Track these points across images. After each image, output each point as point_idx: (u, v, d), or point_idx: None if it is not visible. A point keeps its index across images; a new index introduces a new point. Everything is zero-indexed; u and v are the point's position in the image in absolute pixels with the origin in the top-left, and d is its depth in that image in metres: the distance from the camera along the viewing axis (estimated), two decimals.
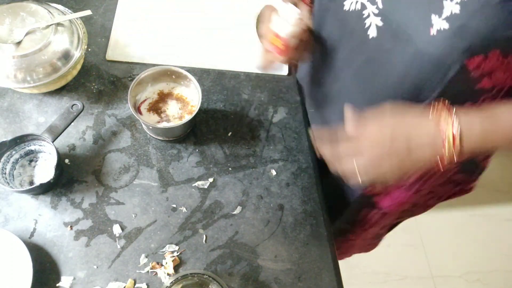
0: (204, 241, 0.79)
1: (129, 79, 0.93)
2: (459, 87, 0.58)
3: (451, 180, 0.83)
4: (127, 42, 0.97)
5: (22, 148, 0.80)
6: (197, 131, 0.89)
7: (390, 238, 1.17)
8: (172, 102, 0.87)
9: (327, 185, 0.88)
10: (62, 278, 0.74)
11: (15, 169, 0.80)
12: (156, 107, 0.86)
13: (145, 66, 0.93)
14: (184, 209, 0.81)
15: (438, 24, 0.52)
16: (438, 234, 1.87)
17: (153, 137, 0.87)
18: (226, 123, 0.91)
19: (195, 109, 0.82)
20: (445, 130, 0.53)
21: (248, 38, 0.99)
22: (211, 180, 0.85)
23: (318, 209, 0.84)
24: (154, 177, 0.84)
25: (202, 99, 0.82)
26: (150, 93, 0.87)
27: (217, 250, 0.79)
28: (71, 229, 0.78)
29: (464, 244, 1.88)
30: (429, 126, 0.55)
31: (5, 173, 0.78)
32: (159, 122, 0.85)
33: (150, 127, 0.83)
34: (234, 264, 0.78)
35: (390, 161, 0.56)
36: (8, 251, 0.72)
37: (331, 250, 0.81)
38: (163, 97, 0.87)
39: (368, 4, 0.59)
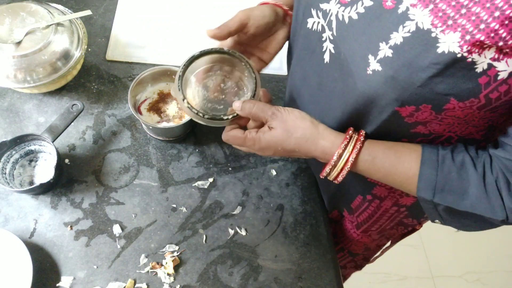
0: (204, 241, 0.79)
1: (129, 79, 0.93)
2: (394, 128, 0.58)
3: (401, 223, 0.83)
4: (127, 42, 0.97)
5: (22, 148, 0.80)
6: (197, 131, 0.89)
7: None
8: (172, 102, 0.87)
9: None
10: (62, 278, 0.74)
11: (15, 169, 0.80)
12: (156, 107, 0.86)
13: (145, 66, 0.93)
14: (184, 209, 0.81)
15: (373, 65, 0.51)
16: (438, 234, 1.87)
17: (153, 137, 0.87)
18: None
19: None
20: (339, 154, 0.60)
21: None
22: (211, 180, 0.85)
23: (318, 209, 0.84)
24: (154, 177, 0.84)
25: None
26: (150, 93, 0.87)
27: (217, 250, 0.79)
28: (71, 229, 0.78)
29: (464, 244, 1.88)
30: (327, 145, 0.61)
31: (5, 173, 0.78)
32: (159, 122, 0.85)
33: (150, 127, 0.83)
34: (234, 264, 0.78)
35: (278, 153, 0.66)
36: (8, 251, 0.72)
37: (331, 250, 0.81)
38: (163, 97, 0.87)
39: (326, 28, 0.58)
